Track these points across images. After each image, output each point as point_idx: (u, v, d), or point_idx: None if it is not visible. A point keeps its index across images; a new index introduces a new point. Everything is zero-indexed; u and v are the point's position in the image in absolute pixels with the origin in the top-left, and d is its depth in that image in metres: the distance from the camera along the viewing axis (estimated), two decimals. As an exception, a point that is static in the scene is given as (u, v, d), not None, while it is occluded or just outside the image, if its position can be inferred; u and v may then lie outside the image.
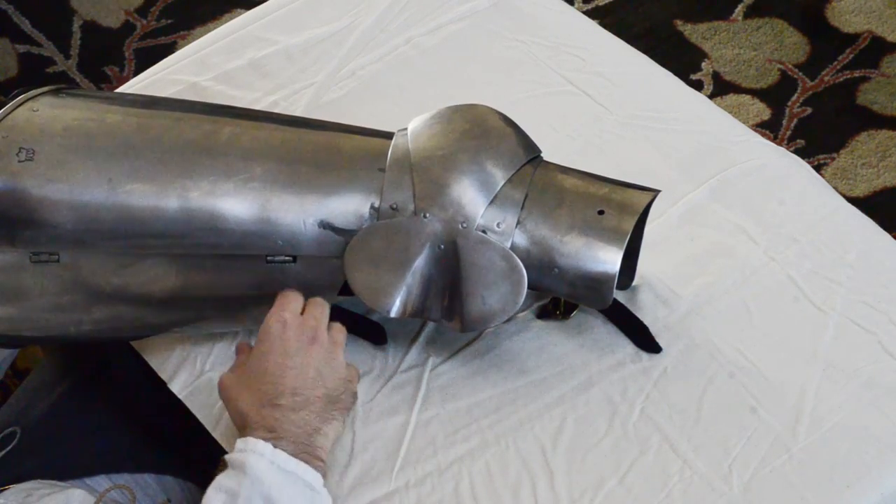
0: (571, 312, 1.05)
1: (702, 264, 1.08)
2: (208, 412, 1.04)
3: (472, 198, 0.93)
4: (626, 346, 1.03)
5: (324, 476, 0.90)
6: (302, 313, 0.95)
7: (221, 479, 0.88)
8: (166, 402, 1.07)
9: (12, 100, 0.96)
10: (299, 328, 0.92)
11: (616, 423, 0.99)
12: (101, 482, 1.11)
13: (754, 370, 1.01)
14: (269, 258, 0.95)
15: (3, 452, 1.09)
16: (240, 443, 0.89)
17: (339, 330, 0.97)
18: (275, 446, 0.88)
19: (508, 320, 0.96)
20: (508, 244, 0.93)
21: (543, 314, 1.06)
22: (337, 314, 1.04)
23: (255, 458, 0.88)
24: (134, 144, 0.95)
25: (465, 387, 1.02)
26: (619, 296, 1.05)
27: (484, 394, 1.02)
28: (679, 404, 1.00)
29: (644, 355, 1.03)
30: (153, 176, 0.94)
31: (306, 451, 0.89)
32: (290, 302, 0.95)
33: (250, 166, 0.94)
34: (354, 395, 0.95)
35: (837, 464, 0.95)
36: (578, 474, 0.96)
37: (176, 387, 1.06)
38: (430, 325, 1.06)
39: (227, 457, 0.89)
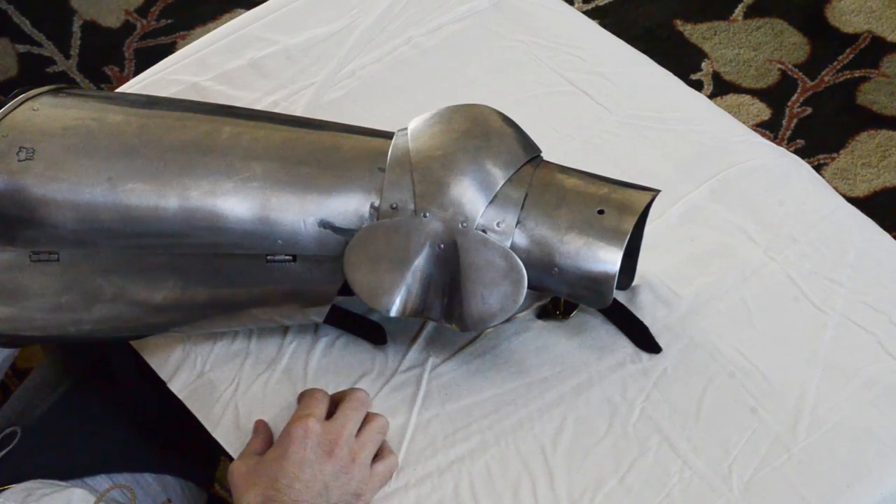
0: (571, 312, 1.05)
1: (702, 264, 1.08)
2: (208, 412, 1.04)
3: (471, 197, 0.93)
4: (626, 347, 1.03)
5: None
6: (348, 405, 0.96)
7: None
8: (166, 402, 1.07)
9: (12, 99, 0.96)
10: (319, 437, 0.93)
11: (616, 424, 0.99)
12: (102, 482, 1.11)
13: (754, 370, 1.01)
14: (269, 258, 0.95)
15: (4, 452, 1.09)
16: None
17: (376, 429, 0.97)
18: None
19: (508, 320, 0.96)
20: (508, 244, 0.93)
21: (543, 314, 1.06)
22: (336, 314, 1.04)
23: None
24: (134, 144, 0.95)
25: (465, 387, 1.02)
26: (619, 296, 1.05)
27: (484, 394, 1.02)
28: (679, 404, 1.00)
29: (644, 355, 1.03)
30: (153, 175, 0.94)
31: None
32: (315, 406, 0.96)
33: (250, 166, 0.94)
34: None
35: (837, 464, 0.95)
36: (578, 474, 0.97)
37: (176, 387, 1.06)
38: (430, 326, 1.06)
39: None
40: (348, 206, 0.94)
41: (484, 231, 0.93)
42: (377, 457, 0.97)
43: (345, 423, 0.95)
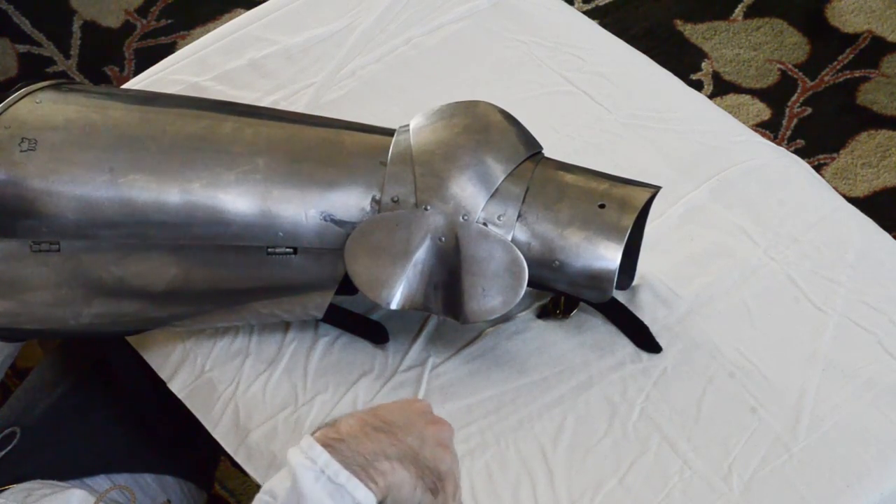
0: (571, 311, 1.05)
1: (702, 264, 1.08)
2: (208, 412, 1.04)
3: (472, 191, 0.93)
4: (626, 346, 1.03)
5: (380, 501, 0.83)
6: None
7: (274, 481, 0.82)
8: (166, 402, 1.07)
9: (14, 93, 0.96)
10: (424, 408, 0.87)
11: (616, 423, 0.99)
12: (101, 482, 1.11)
13: (754, 370, 1.01)
14: (269, 250, 0.95)
15: (3, 452, 1.09)
16: (304, 441, 0.83)
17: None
18: (331, 454, 0.81)
19: (509, 319, 0.96)
20: (509, 237, 0.93)
21: (543, 314, 1.06)
22: (337, 314, 1.04)
23: (305, 466, 0.81)
24: (136, 136, 0.96)
25: (465, 387, 1.03)
26: (619, 296, 1.05)
27: (484, 394, 1.02)
28: (679, 404, 1.00)
29: (644, 355, 1.03)
30: (155, 167, 0.94)
31: (362, 467, 0.82)
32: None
33: (252, 159, 0.95)
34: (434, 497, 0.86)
35: (837, 464, 0.95)
36: (578, 474, 0.97)
37: (176, 386, 1.06)
38: (430, 325, 1.06)
39: (288, 453, 0.83)
40: (350, 199, 0.94)
41: (485, 224, 0.93)
42: None
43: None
